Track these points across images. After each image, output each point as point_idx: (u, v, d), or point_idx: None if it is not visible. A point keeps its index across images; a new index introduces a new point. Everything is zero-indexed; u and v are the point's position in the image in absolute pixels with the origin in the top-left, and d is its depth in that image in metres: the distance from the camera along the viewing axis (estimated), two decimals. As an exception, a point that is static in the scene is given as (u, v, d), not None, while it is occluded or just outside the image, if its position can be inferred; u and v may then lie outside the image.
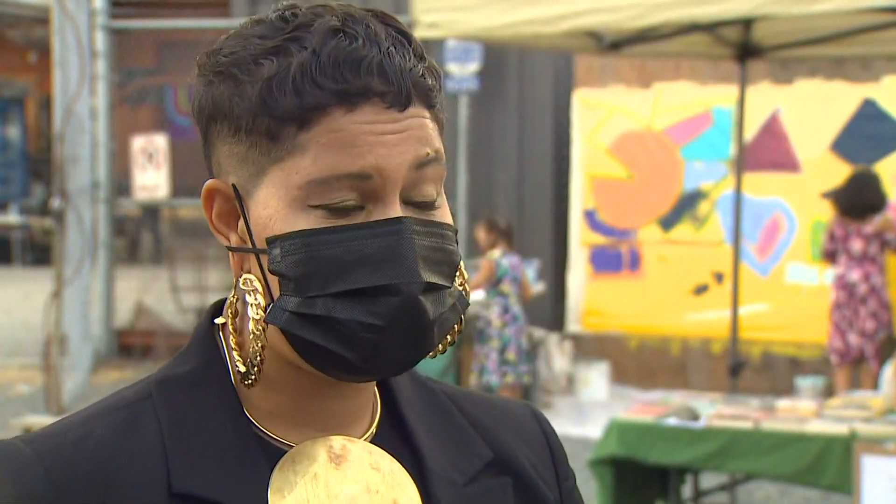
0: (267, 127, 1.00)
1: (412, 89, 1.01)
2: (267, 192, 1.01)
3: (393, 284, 0.99)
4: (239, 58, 1.02)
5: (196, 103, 1.06)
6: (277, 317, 1.01)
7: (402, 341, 1.01)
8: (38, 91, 19.14)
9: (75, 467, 1.00)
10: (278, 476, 1.04)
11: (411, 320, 1.00)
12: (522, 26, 5.57)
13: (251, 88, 1.00)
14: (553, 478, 1.19)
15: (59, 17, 8.68)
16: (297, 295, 1.00)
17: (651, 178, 9.71)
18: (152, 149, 10.45)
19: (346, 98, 0.99)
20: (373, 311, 0.99)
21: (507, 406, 1.22)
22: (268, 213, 1.01)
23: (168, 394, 1.06)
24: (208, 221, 1.07)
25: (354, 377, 1.04)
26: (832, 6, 4.97)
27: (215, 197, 1.06)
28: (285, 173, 1.00)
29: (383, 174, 1.00)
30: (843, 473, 4.69)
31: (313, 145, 0.99)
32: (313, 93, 0.99)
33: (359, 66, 0.99)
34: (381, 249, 1.00)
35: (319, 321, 1.00)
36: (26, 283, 14.80)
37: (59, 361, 7.60)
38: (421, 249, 1.01)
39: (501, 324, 8.03)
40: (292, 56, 1.00)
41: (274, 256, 1.01)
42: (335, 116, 0.99)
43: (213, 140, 1.05)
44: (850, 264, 7.57)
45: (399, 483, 1.07)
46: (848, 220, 7.58)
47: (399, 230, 1.00)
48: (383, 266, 0.99)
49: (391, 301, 0.99)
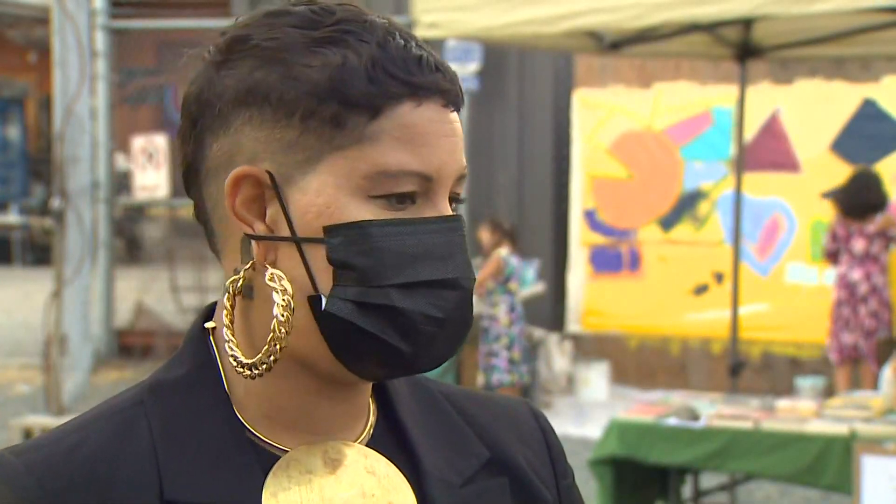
0: (333, 113, 0.99)
1: (460, 92, 1.05)
2: (322, 179, 1.00)
3: (455, 279, 1.02)
4: (285, 43, 1.01)
5: (210, 90, 1.03)
6: (337, 307, 0.99)
7: (450, 336, 1.03)
8: (38, 91, 19.15)
9: (68, 476, 0.99)
10: (272, 482, 1.03)
11: (463, 315, 1.03)
12: (522, 26, 5.57)
13: (314, 73, 0.99)
14: (551, 476, 1.18)
15: (59, 17, 8.68)
16: (360, 285, 0.99)
17: (651, 178, 9.71)
18: (152, 149, 10.45)
19: (417, 91, 1.01)
20: (436, 303, 1.01)
21: (505, 404, 1.22)
22: (323, 201, 1.00)
23: (160, 399, 1.05)
24: (229, 209, 1.03)
25: (393, 373, 1.05)
26: (832, 6, 4.97)
27: (242, 183, 1.02)
28: (349, 161, 1.00)
29: (441, 178, 1.03)
30: (843, 473, 4.69)
31: (385, 137, 1.00)
32: (388, 82, 1.00)
33: (421, 64, 1.01)
34: (441, 244, 1.02)
35: (382, 311, 1.00)
36: (26, 283, 14.80)
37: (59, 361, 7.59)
38: (466, 248, 1.05)
39: (508, 321, 8.06)
40: (353, 48, 1.00)
41: (335, 245, 0.99)
42: (406, 110, 1.00)
43: (233, 126, 1.02)
44: (851, 263, 7.57)
45: (395, 487, 1.07)
46: (850, 220, 7.58)
47: (455, 227, 1.03)
48: (443, 261, 1.02)
49: (453, 295, 1.02)
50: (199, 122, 1.04)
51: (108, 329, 10.84)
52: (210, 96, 1.03)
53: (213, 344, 1.08)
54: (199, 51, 1.07)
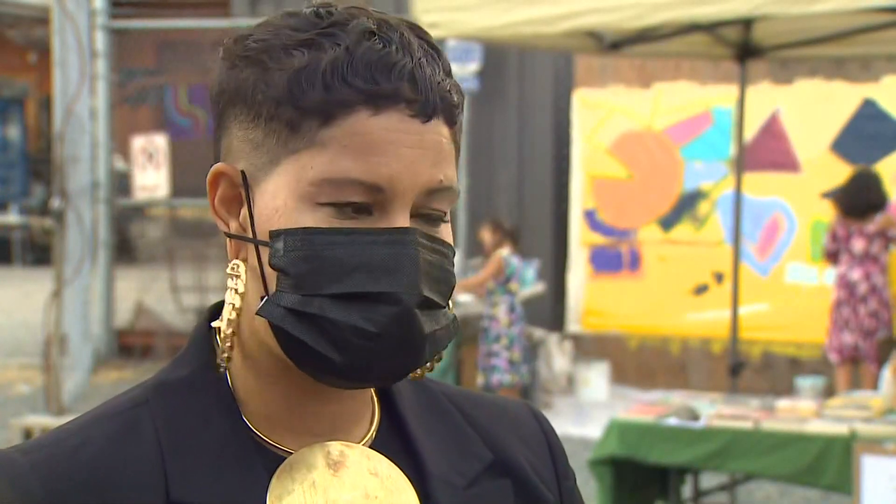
0: (289, 117, 0.99)
1: (438, 102, 1.01)
2: (278, 181, 1.00)
3: (392, 293, 0.98)
4: (269, 45, 1.01)
5: (216, 86, 1.05)
6: (270, 311, 0.99)
7: (393, 352, 1.00)
8: (38, 91, 19.15)
9: (71, 477, 0.99)
10: (276, 484, 1.03)
11: (405, 332, 0.99)
12: (522, 26, 5.57)
13: (278, 77, 1.00)
14: (553, 478, 1.18)
15: (59, 17, 8.67)
16: (295, 292, 0.99)
17: (651, 178, 9.71)
18: (152, 149, 10.45)
19: (374, 100, 0.98)
20: (368, 317, 0.98)
21: (507, 406, 1.22)
22: (275, 205, 1.00)
23: (165, 399, 1.05)
24: (210, 205, 1.06)
25: (339, 382, 1.03)
26: (832, 6, 4.97)
27: (220, 181, 1.05)
28: (300, 166, 0.99)
29: (395, 190, 0.99)
30: (843, 473, 4.69)
31: (334, 144, 0.98)
32: (342, 89, 0.98)
33: (390, 71, 0.99)
34: (385, 257, 0.99)
35: (313, 320, 0.98)
36: (26, 283, 14.81)
37: (59, 361, 7.59)
38: (424, 264, 1.00)
39: (508, 322, 8.06)
40: (324, 51, 0.99)
41: (276, 250, 0.99)
42: (360, 117, 0.98)
43: (228, 124, 1.04)
44: (851, 263, 7.57)
45: (398, 488, 1.06)
46: (850, 220, 7.57)
47: (405, 241, 0.99)
48: (385, 274, 0.98)
49: (388, 310, 0.98)
50: (216, 117, 1.07)
51: (108, 329, 10.84)
52: (216, 94, 1.06)
53: (218, 344, 1.07)
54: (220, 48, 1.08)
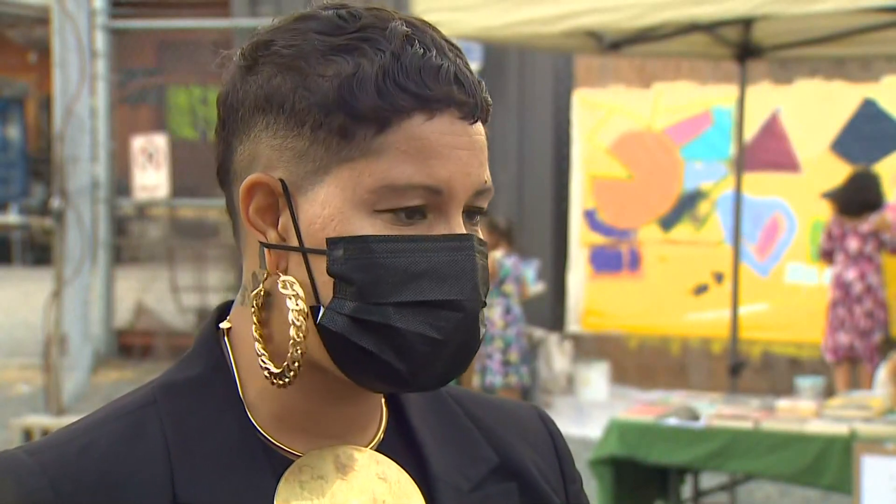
0: (341, 124, 0.98)
1: (482, 103, 1.02)
2: (329, 190, 0.99)
3: (458, 300, 0.99)
4: (303, 51, 1.00)
5: (233, 92, 1.03)
6: (333, 320, 0.99)
7: (451, 358, 1.01)
8: (38, 91, 19.14)
9: (79, 477, 0.99)
10: (284, 486, 1.03)
11: (467, 338, 1.01)
12: (522, 26, 5.58)
13: (325, 83, 0.99)
14: (559, 481, 1.18)
15: (59, 17, 8.67)
16: (357, 300, 0.98)
17: (651, 178, 9.70)
18: (152, 149, 10.45)
19: (428, 104, 0.99)
20: (434, 324, 0.99)
21: (513, 408, 1.21)
22: (328, 213, 0.99)
23: (173, 400, 1.05)
24: (243, 216, 1.03)
25: (393, 389, 1.03)
26: (832, 6, 4.97)
27: (256, 191, 1.02)
28: (356, 174, 0.99)
29: (452, 192, 1.00)
30: (843, 473, 4.69)
31: (391, 150, 0.98)
32: (397, 95, 0.98)
33: (438, 75, 0.99)
34: (447, 264, 0.99)
35: (378, 329, 0.98)
36: (26, 283, 14.80)
37: (59, 361, 7.58)
38: (480, 269, 1.02)
39: (504, 324, 8.05)
40: (368, 57, 0.99)
41: (336, 258, 0.99)
42: (415, 123, 0.99)
43: (253, 131, 1.02)
44: (846, 263, 7.57)
45: (406, 493, 1.06)
46: (845, 218, 7.58)
47: (465, 247, 1.00)
48: (448, 281, 0.99)
49: (453, 316, 0.99)
50: (227, 124, 1.05)
51: (108, 329, 10.84)
52: (234, 101, 1.04)
53: (227, 345, 1.08)
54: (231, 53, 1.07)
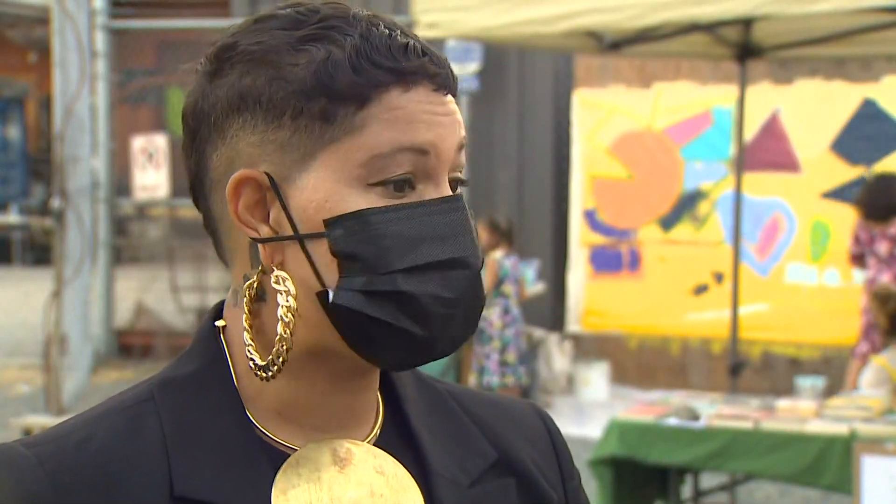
0: (322, 108, 1.00)
1: (451, 76, 1.05)
2: (318, 174, 1.01)
3: (461, 258, 1.02)
4: (271, 46, 1.02)
5: (202, 100, 1.04)
6: (348, 298, 1.00)
7: (464, 318, 1.03)
8: (38, 91, 19.14)
9: (77, 471, 1.00)
10: (281, 480, 1.03)
11: (475, 294, 1.03)
12: (522, 26, 5.58)
13: (300, 71, 1.00)
14: (557, 478, 1.18)
15: (59, 17, 8.67)
16: (366, 274, 1.00)
17: (651, 178, 9.70)
18: (152, 149, 10.45)
19: (404, 77, 1.01)
20: (446, 284, 1.01)
21: (512, 405, 1.22)
22: (321, 196, 1.01)
23: (171, 395, 1.05)
24: (233, 215, 1.04)
25: (412, 358, 1.03)
26: (832, 6, 4.97)
27: (243, 189, 1.03)
28: (343, 153, 1.00)
29: (438, 152, 1.03)
30: (843, 473, 4.69)
31: (373, 122, 1.00)
32: (372, 71, 1.00)
33: (408, 50, 1.02)
34: (445, 225, 1.02)
35: (392, 298, 1.00)
36: (26, 283, 14.80)
37: (59, 361, 7.59)
38: (473, 228, 1.04)
39: (502, 324, 8.05)
40: (337, 43, 1.01)
41: (337, 237, 1.00)
42: (393, 95, 1.01)
43: (228, 134, 1.03)
44: (879, 267, 7.54)
45: (403, 487, 1.07)
46: (871, 223, 7.55)
47: (457, 207, 1.03)
48: (448, 240, 1.02)
49: (462, 273, 1.02)
50: (198, 134, 1.05)
51: (108, 329, 10.84)
52: (204, 107, 1.04)
53: (223, 342, 1.08)
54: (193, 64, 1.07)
